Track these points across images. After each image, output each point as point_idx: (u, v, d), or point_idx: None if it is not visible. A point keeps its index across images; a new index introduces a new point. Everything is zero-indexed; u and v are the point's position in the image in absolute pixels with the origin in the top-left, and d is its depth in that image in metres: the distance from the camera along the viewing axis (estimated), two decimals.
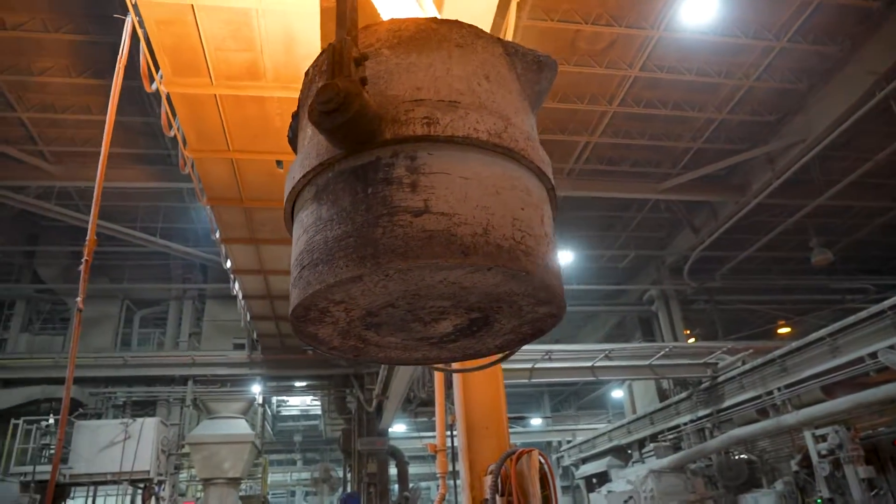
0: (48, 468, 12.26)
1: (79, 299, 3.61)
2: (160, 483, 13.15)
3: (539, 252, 1.36)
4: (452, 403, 5.80)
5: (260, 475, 17.42)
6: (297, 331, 1.49)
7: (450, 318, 1.51)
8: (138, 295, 16.47)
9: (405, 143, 1.32)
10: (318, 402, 21.19)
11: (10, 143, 11.66)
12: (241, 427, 14.76)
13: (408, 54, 1.44)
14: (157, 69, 6.02)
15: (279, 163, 7.46)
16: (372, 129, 1.30)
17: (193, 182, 8.06)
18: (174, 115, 6.63)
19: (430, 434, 22.16)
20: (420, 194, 1.28)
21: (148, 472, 12.67)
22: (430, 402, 16.41)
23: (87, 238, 4.23)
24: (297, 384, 16.29)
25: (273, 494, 25.28)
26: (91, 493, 13.75)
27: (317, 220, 1.36)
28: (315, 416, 24.44)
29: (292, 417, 25.18)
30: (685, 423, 14.25)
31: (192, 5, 5.42)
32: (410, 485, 16.71)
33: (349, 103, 1.22)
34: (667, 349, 13.50)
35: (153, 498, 13.15)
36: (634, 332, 18.81)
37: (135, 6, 5.42)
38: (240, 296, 11.77)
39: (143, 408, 15.27)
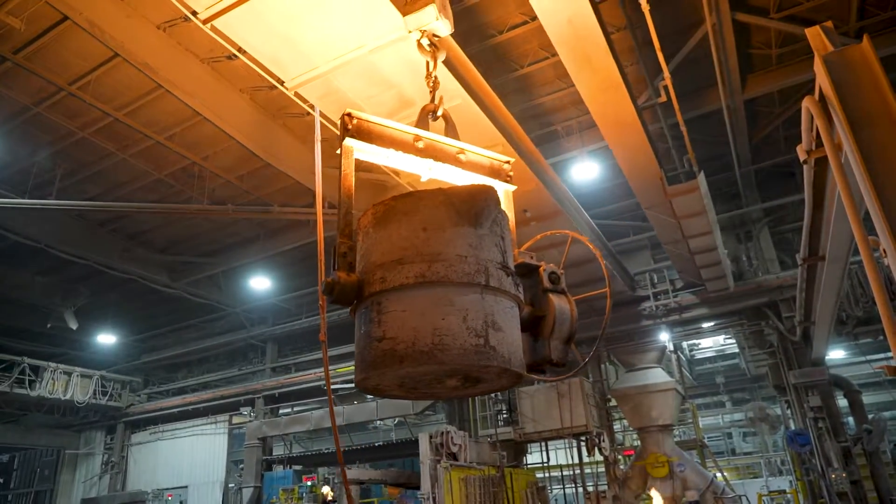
0: (506, 429, 14.48)
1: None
2: (599, 434, 14.23)
3: (455, 347, 2.05)
4: None
5: (690, 420, 17.32)
6: (362, 391, 2.42)
7: (450, 381, 2.30)
8: None
9: (374, 296, 2.19)
10: (733, 341, 20.04)
11: None
12: (659, 376, 14.92)
13: (379, 230, 2.29)
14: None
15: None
16: (356, 292, 2.23)
17: None
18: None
19: (881, 356, 18.84)
20: (381, 327, 2.14)
21: (585, 425, 13.88)
22: (869, 321, 13.93)
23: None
24: (705, 325, 15.66)
25: (709, 438, 24.84)
26: (543, 448, 15.76)
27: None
28: (733, 355, 23.17)
29: (709, 360, 24.36)
30: None
31: (325, 73, 6.00)
32: (869, 416, 14.45)
33: (332, 291, 2.20)
34: None
35: (596, 448, 14.32)
36: None
37: (297, 94, 6.40)
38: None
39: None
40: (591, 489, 14.14)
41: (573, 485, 15.43)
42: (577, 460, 15.06)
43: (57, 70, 10.46)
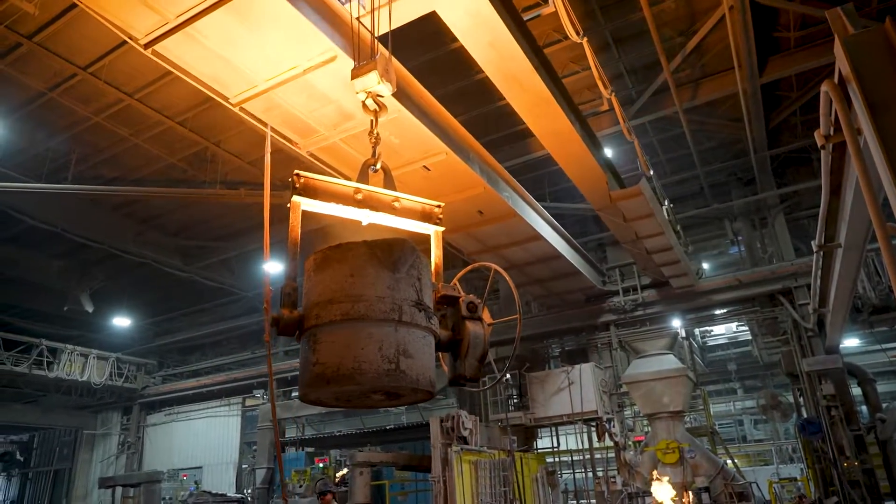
0: (517, 414, 14.54)
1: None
2: (609, 420, 14.25)
3: (371, 371, 2.55)
4: None
5: (702, 407, 17.28)
6: (306, 403, 2.89)
7: (375, 396, 2.80)
8: None
9: (312, 329, 2.69)
10: (746, 328, 19.93)
11: None
12: (670, 362, 14.88)
13: (317, 274, 2.79)
14: None
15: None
16: (297, 326, 2.74)
17: None
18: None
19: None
20: (315, 355, 2.64)
21: (595, 411, 13.90)
22: (885, 308, 13.78)
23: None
24: (717, 312, 15.57)
25: (720, 425, 24.82)
26: (553, 433, 15.82)
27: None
28: (745, 343, 23.05)
29: (721, 346, 24.26)
30: None
31: (265, 90, 6.66)
32: (883, 405, 14.35)
33: (277, 325, 2.71)
34: None
35: (606, 434, 14.35)
36: None
37: (243, 109, 7.07)
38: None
39: (576, 356, 16.78)
40: (600, 474, 14.19)
41: (583, 470, 15.49)
42: (587, 445, 15.11)
43: (70, 55, 10.50)
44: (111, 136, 12.79)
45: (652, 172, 11.20)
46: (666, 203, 12.14)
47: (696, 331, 20.64)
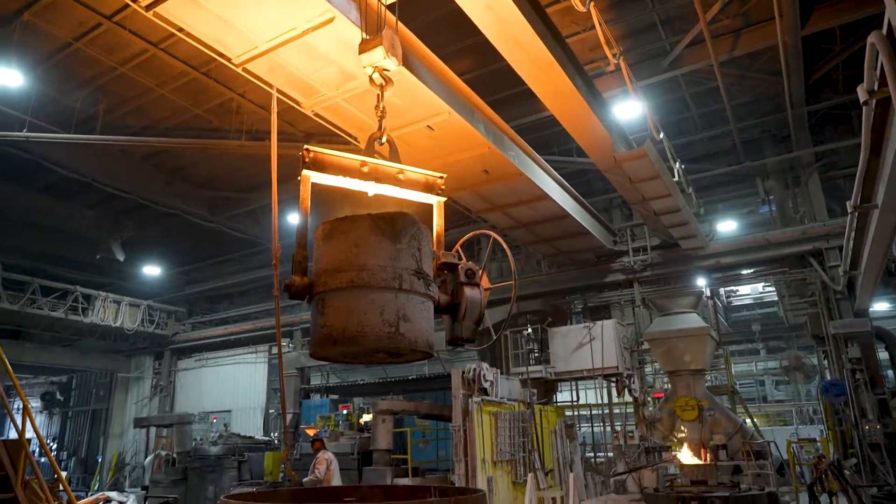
0: (538, 368, 14.71)
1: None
2: (629, 376, 14.34)
3: (373, 334, 2.81)
4: None
5: (723, 366, 17.26)
6: (315, 358, 3.16)
7: (378, 355, 3.09)
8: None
9: (320, 294, 2.93)
10: (773, 288, 19.67)
11: None
12: (693, 321, 14.81)
13: (326, 244, 3.02)
14: None
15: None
16: (308, 291, 2.97)
17: None
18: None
19: None
20: (323, 317, 2.90)
21: (616, 367, 13.98)
22: None
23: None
24: (744, 272, 15.38)
25: (740, 384, 24.82)
26: (573, 387, 15.99)
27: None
28: (771, 303, 22.77)
29: (746, 307, 24.01)
30: None
31: (266, 51, 6.78)
32: None
33: (289, 290, 2.95)
34: None
35: (626, 389, 14.47)
36: None
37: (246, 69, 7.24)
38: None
39: (599, 312, 16.80)
40: (618, 429, 14.37)
41: (601, 424, 15.69)
42: (606, 400, 15.26)
43: (95, 3, 10.46)
44: (137, 86, 12.81)
45: (662, 135, 10.96)
46: (677, 164, 11.91)
47: (721, 290, 20.42)
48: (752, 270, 15.29)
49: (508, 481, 12.24)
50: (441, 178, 3.66)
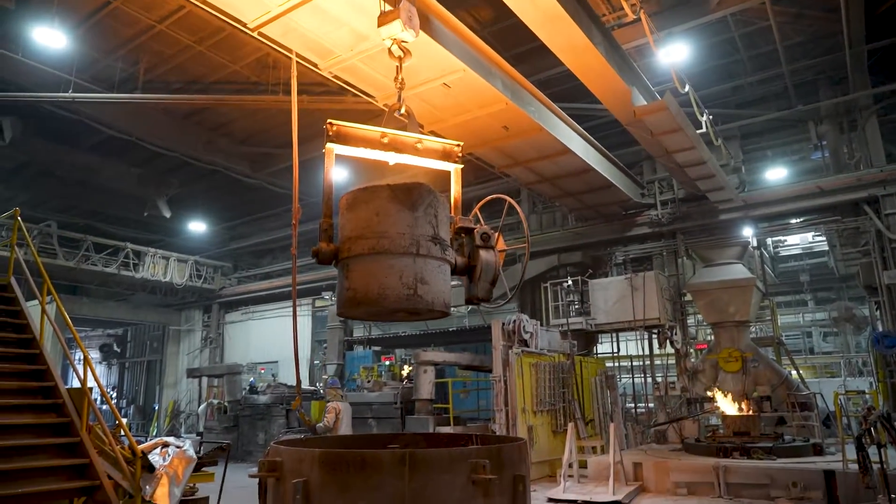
0: (578, 319, 14.70)
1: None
2: (671, 328, 14.22)
3: (393, 296, 3.09)
4: None
5: (769, 318, 16.94)
6: (342, 317, 4.12)
7: (399, 314, 3.40)
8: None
9: (345, 259, 3.24)
10: (823, 238, 19.04)
11: None
12: (738, 272, 14.50)
13: (349, 212, 3.28)
14: None
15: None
16: (334, 256, 3.28)
17: None
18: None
19: None
20: (348, 281, 3.20)
21: (658, 318, 13.87)
22: None
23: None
24: (794, 221, 14.87)
25: (786, 336, 24.37)
26: (613, 338, 15.97)
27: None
28: (820, 253, 22.10)
29: (794, 257, 23.35)
30: None
31: (279, 14, 6.91)
32: None
33: (316, 256, 3.28)
34: None
35: (668, 341, 14.37)
36: None
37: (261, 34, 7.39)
38: None
39: (640, 264, 16.57)
40: (660, 380, 14.36)
41: (642, 375, 15.69)
42: (647, 352, 15.21)
43: None
44: (175, 44, 12.86)
45: (688, 87, 10.55)
46: (705, 116, 11.54)
47: (769, 241, 19.87)
48: (801, 219, 14.76)
49: (549, 430, 12.43)
50: (458, 146, 3.84)
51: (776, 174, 17.47)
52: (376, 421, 14.72)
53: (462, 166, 3.84)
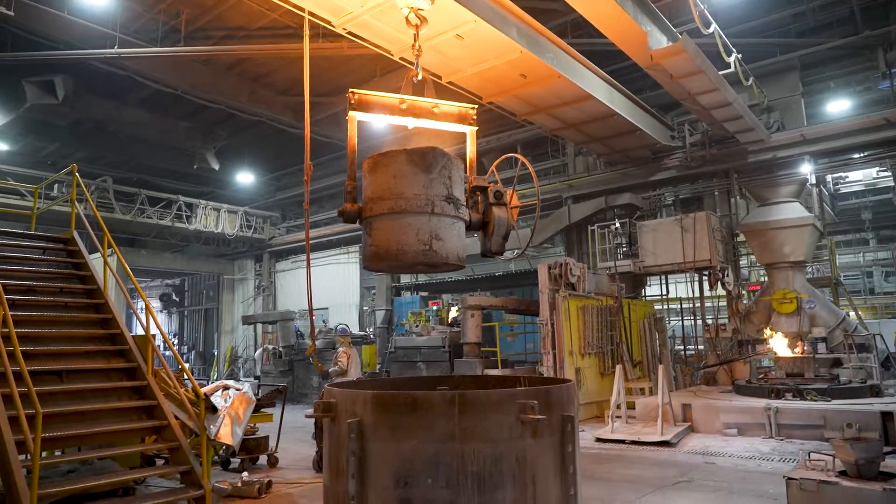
0: (626, 262, 14.50)
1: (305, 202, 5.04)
2: (723, 269, 13.88)
3: (410, 251, 3.44)
4: None
5: (826, 257, 16.35)
6: (367, 270, 4.87)
7: (418, 267, 3.82)
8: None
9: (368, 219, 3.61)
10: (888, 173, 18.04)
11: None
12: (795, 210, 13.95)
13: (371, 175, 3.64)
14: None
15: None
16: (358, 216, 3.67)
17: None
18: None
19: None
20: (371, 238, 3.59)
21: (709, 260, 13.54)
22: None
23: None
24: (856, 156, 14.10)
25: (845, 276, 23.52)
26: (662, 281, 15.72)
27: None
28: (885, 189, 20.98)
29: (855, 194, 22.26)
30: None
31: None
32: None
33: (342, 215, 3.71)
34: None
35: (719, 283, 14.06)
36: None
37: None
38: None
39: (690, 204, 16.11)
40: (710, 322, 14.14)
41: (692, 317, 15.49)
42: (697, 294, 14.95)
43: None
44: None
45: (714, 26, 9.96)
46: (733, 56, 10.93)
47: (828, 177, 18.96)
48: (865, 154, 13.99)
49: (596, 372, 12.50)
50: (473, 108, 4.12)
51: (839, 106, 16.50)
52: (425, 364, 15.07)
53: (476, 128, 4.10)
